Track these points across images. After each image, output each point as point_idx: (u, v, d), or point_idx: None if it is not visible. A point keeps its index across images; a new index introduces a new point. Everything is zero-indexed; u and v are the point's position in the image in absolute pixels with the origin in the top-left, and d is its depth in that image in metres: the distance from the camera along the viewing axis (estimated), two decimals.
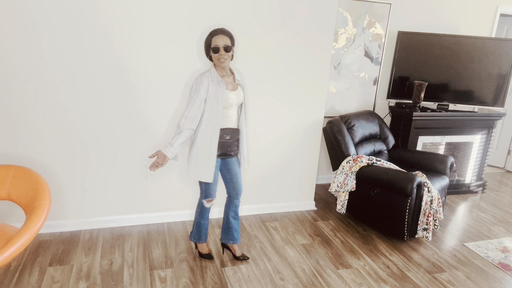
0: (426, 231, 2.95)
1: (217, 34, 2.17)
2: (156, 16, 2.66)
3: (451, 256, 2.87)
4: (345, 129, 3.35)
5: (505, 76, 4.00)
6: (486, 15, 4.35)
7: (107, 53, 2.64)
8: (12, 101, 2.56)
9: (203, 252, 2.65)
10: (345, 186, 3.19)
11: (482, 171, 4.23)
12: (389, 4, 3.88)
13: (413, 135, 3.84)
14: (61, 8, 2.48)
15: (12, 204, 2.76)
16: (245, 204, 3.33)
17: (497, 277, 2.64)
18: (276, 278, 2.48)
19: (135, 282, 2.35)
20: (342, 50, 3.88)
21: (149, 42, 2.70)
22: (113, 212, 2.98)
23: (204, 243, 2.66)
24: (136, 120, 2.84)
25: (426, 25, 4.13)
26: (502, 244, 3.09)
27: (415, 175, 2.88)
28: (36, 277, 2.34)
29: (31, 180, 2.30)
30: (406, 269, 2.67)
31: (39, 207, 2.07)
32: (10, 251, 1.83)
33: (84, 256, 2.58)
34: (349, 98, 4.08)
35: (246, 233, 3.02)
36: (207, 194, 2.46)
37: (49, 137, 2.69)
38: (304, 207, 3.52)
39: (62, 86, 2.62)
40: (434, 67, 3.99)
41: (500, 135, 5.13)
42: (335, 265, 2.67)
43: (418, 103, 3.84)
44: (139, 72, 2.74)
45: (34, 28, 2.47)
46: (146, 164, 2.96)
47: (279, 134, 3.23)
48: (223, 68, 2.25)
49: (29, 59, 2.51)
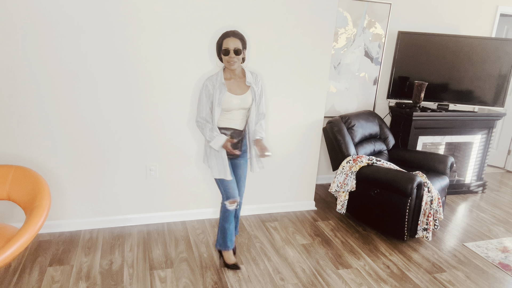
0: (426, 231, 2.95)
1: (228, 36, 2.17)
2: (164, 15, 2.66)
3: (451, 256, 2.87)
4: (345, 129, 3.35)
5: (505, 76, 4.00)
6: (486, 15, 4.35)
7: (108, 53, 2.64)
8: (12, 101, 2.56)
9: (230, 262, 2.50)
10: (345, 186, 3.19)
11: (482, 171, 4.23)
12: (389, 4, 3.88)
13: (413, 135, 3.84)
14: (61, 8, 2.48)
15: (12, 204, 2.76)
16: (245, 204, 3.33)
17: (497, 277, 2.64)
18: (276, 278, 2.48)
19: (135, 282, 2.35)
20: (342, 50, 3.88)
21: (156, 42, 2.70)
22: (113, 212, 2.98)
23: (230, 251, 2.53)
24: (136, 120, 2.84)
25: (426, 25, 4.13)
26: (502, 244, 3.09)
27: (415, 175, 2.88)
28: (36, 277, 2.34)
29: (31, 180, 2.30)
30: (406, 269, 2.66)
31: (39, 207, 2.07)
32: (10, 251, 1.83)
33: (84, 256, 2.58)
34: (349, 98, 4.08)
35: (246, 233, 3.02)
36: (228, 195, 2.39)
37: (49, 137, 2.69)
38: (304, 207, 3.52)
39: (63, 87, 2.62)
40: (434, 67, 3.99)
41: (500, 135, 5.13)
42: (335, 265, 2.67)
43: (418, 103, 3.84)
44: (138, 72, 2.74)
45: (35, 29, 2.47)
46: (146, 164, 2.96)
47: (279, 134, 3.23)
48: (232, 70, 2.26)
49: (30, 59, 2.51)
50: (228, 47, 2.15)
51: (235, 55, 2.17)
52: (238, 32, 2.20)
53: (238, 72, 2.29)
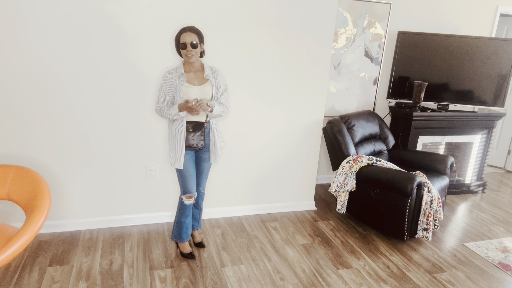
0: (426, 231, 2.95)
1: (185, 31, 2.29)
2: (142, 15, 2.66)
3: (451, 256, 2.87)
4: (345, 129, 3.35)
5: (505, 76, 4.00)
6: (486, 15, 4.35)
7: (109, 53, 2.64)
8: (12, 101, 2.56)
9: (185, 251, 2.65)
10: (345, 186, 3.19)
11: (482, 171, 4.23)
12: (389, 4, 3.88)
13: (413, 135, 3.84)
14: (61, 8, 2.48)
15: (12, 204, 2.76)
16: (245, 204, 3.33)
17: (497, 277, 2.64)
18: (276, 278, 2.48)
19: (135, 282, 2.35)
20: (342, 50, 3.88)
21: (155, 44, 2.70)
22: (113, 212, 2.98)
23: (185, 243, 2.66)
24: (137, 120, 2.84)
25: (426, 25, 4.13)
26: (502, 244, 3.09)
27: (415, 175, 2.88)
28: (36, 277, 2.34)
29: (31, 180, 2.30)
30: (406, 269, 2.66)
31: (39, 207, 2.07)
32: (10, 251, 1.83)
33: (84, 256, 2.58)
34: (349, 98, 4.08)
35: (246, 233, 3.03)
36: (185, 189, 2.50)
37: (49, 137, 2.69)
38: (304, 207, 3.52)
39: (63, 87, 2.62)
40: (434, 67, 3.99)
41: (500, 135, 5.13)
42: (335, 265, 2.67)
43: (418, 103, 3.84)
44: (137, 72, 2.74)
45: (35, 28, 2.47)
46: (146, 164, 2.96)
47: (279, 134, 3.23)
48: (191, 63, 2.36)
49: (30, 59, 2.51)
50: (185, 41, 2.26)
51: (192, 48, 2.28)
52: (194, 27, 2.32)
53: (197, 65, 2.40)
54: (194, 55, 2.31)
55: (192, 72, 2.40)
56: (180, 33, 2.30)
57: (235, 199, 3.29)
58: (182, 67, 2.37)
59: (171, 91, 2.36)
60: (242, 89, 3.02)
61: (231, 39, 2.87)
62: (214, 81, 2.44)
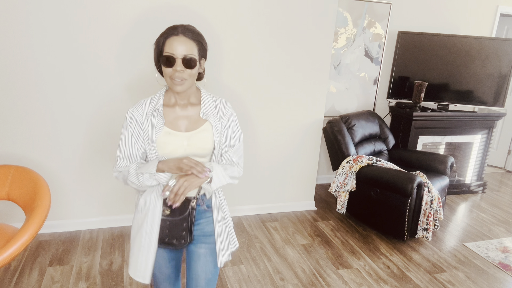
0: (426, 231, 2.95)
1: (174, 34, 1.25)
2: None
3: (451, 256, 2.87)
4: (345, 129, 3.35)
5: (505, 76, 4.00)
6: (486, 15, 4.34)
7: (110, 53, 2.64)
8: (12, 101, 2.56)
9: None
10: (345, 186, 3.19)
11: (482, 171, 4.23)
12: (389, 4, 3.88)
13: (413, 135, 3.84)
14: (61, 8, 2.48)
15: (12, 204, 2.76)
16: (245, 204, 3.33)
17: (497, 277, 2.64)
18: (276, 278, 2.48)
19: (135, 282, 2.35)
20: (342, 50, 3.88)
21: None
22: (113, 212, 2.98)
23: None
24: None
25: (426, 25, 4.13)
26: (502, 244, 3.09)
27: (415, 175, 2.88)
28: (36, 277, 2.34)
29: (31, 180, 2.30)
30: (406, 269, 2.66)
31: (39, 207, 2.07)
32: (10, 251, 1.83)
33: (84, 256, 2.58)
34: (349, 98, 4.08)
35: (246, 233, 3.02)
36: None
37: (49, 137, 2.69)
38: (304, 207, 3.52)
39: (63, 87, 2.62)
40: (434, 67, 3.99)
41: (500, 135, 5.13)
42: (335, 265, 2.67)
43: (418, 103, 3.84)
44: (135, 72, 2.74)
45: (35, 28, 2.47)
46: None
47: (279, 134, 3.23)
48: (177, 93, 1.32)
49: (30, 59, 2.51)
50: (173, 53, 1.24)
51: (185, 67, 1.25)
52: (191, 28, 1.29)
53: (188, 95, 1.36)
54: (186, 80, 1.27)
55: (178, 106, 1.36)
56: (165, 36, 1.27)
57: (235, 199, 3.29)
58: (162, 98, 1.36)
59: (140, 138, 1.35)
60: (242, 89, 3.02)
61: (228, 38, 2.87)
62: (219, 124, 1.39)
